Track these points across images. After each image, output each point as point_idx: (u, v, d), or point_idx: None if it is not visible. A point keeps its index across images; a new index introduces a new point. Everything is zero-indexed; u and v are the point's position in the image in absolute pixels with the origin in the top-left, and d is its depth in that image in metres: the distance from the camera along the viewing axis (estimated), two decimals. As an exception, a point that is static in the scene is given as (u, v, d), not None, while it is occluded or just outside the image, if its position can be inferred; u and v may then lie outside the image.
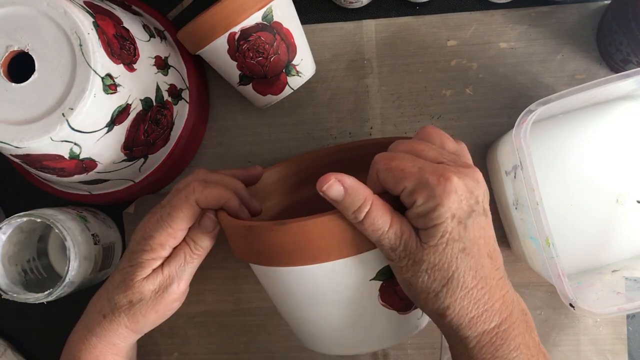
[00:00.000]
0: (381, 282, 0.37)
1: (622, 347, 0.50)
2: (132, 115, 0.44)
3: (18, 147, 0.39)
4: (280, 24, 0.46)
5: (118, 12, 0.45)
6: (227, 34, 0.45)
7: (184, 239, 0.41)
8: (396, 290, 0.38)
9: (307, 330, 0.41)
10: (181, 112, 0.50)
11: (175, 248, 0.41)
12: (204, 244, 0.41)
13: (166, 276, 0.40)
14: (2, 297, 0.46)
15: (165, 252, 0.40)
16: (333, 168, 0.52)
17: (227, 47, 0.46)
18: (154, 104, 0.46)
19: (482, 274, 0.33)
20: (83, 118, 0.39)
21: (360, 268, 0.36)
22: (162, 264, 0.40)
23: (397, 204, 0.34)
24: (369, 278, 0.37)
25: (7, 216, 0.53)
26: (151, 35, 0.47)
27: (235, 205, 0.41)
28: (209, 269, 0.54)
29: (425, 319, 0.42)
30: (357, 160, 0.52)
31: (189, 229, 0.40)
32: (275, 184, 0.51)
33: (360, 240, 0.35)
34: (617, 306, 0.39)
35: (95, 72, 0.39)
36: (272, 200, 0.51)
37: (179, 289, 0.41)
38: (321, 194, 0.33)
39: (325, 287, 0.37)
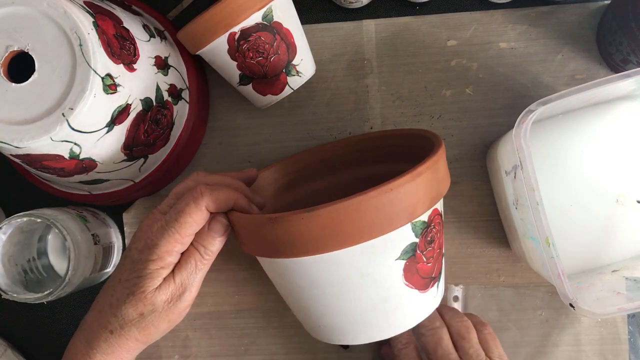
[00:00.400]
0: (405, 261, 0.38)
1: (622, 347, 0.50)
2: (132, 115, 0.44)
3: (18, 147, 0.39)
4: (280, 24, 0.46)
5: (118, 12, 0.45)
6: (227, 34, 0.45)
7: (192, 244, 0.39)
8: (417, 268, 0.39)
9: (330, 321, 0.41)
10: (181, 112, 0.50)
11: (183, 254, 0.39)
12: (214, 248, 0.40)
13: (178, 285, 0.39)
14: (2, 297, 0.46)
15: (174, 259, 0.39)
16: (320, 167, 0.53)
17: (227, 47, 0.46)
18: (154, 104, 0.46)
19: None
20: (83, 118, 0.39)
21: (387, 248, 0.37)
22: (173, 272, 0.39)
23: None
24: (394, 258, 0.37)
25: (7, 216, 0.53)
26: (151, 35, 0.47)
27: (245, 204, 0.40)
28: (209, 271, 0.53)
29: (440, 297, 0.43)
30: (343, 157, 0.52)
31: (197, 233, 0.39)
32: (266, 187, 0.51)
33: (388, 220, 0.36)
34: (617, 306, 0.39)
35: (95, 72, 0.39)
36: (265, 204, 0.51)
37: (191, 296, 0.40)
38: None
39: (353, 271, 0.37)
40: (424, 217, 0.38)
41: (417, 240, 0.38)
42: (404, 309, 0.40)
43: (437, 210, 0.40)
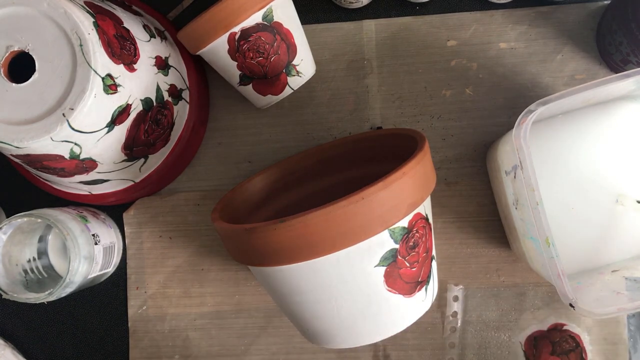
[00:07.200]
0: (385, 267, 0.38)
1: (622, 347, 0.50)
2: (133, 115, 0.44)
3: (18, 147, 0.39)
4: (280, 24, 0.46)
5: (118, 12, 0.45)
6: (227, 34, 0.45)
7: None
8: (400, 274, 0.38)
9: (316, 326, 0.41)
10: (181, 112, 0.50)
11: None
12: None
13: None
14: (2, 297, 0.46)
15: None
16: (317, 168, 0.53)
17: (227, 47, 0.46)
18: (155, 104, 0.46)
19: None
20: (83, 118, 0.39)
21: (364, 255, 0.37)
22: None
23: None
24: (373, 265, 0.37)
25: (7, 216, 0.53)
26: (151, 36, 0.47)
27: None
28: (209, 271, 0.54)
29: (430, 300, 0.42)
30: (340, 157, 0.52)
31: None
32: (262, 190, 0.51)
33: (361, 228, 0.36)
34: (617, 306, 0.39)
35: (96, 72, 0.39)
36: (261, 208, 0.51)
37: None
38: None
39: (332, 279, 0.37)
40: (404, 223, 0.38)
41: (397, 246, 0.38)
42: (390, 314, 0.40)
43: (419, 215, 0.39)
